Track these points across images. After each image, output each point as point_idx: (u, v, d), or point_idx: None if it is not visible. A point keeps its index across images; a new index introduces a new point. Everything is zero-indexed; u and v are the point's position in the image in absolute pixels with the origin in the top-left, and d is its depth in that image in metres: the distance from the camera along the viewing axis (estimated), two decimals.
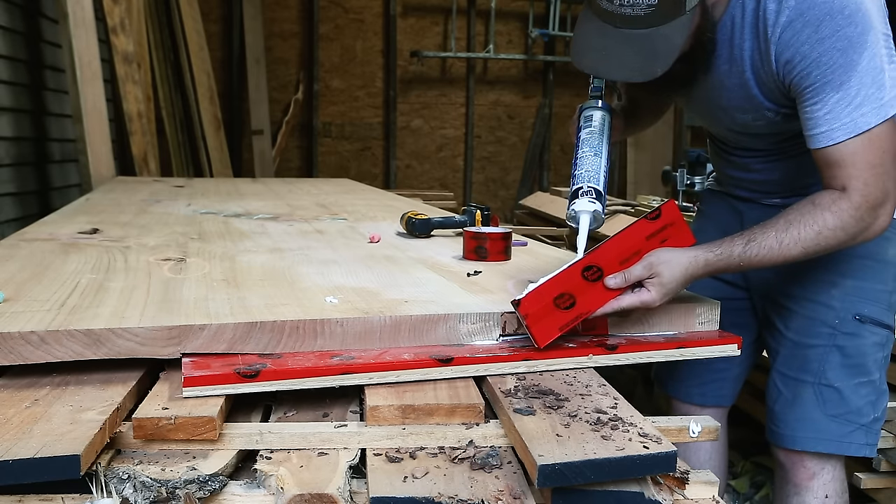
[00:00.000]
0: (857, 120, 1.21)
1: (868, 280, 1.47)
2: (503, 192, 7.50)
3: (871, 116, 1.21)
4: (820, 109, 1.23)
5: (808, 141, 1.27)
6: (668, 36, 1.19)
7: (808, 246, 1.24)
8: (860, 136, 1.22)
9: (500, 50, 7.23)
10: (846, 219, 1.23)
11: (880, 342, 1.49)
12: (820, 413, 1.48)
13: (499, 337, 1.20)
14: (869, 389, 1.48)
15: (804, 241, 1.24)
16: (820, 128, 1.24)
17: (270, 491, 0.88)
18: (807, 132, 1.27)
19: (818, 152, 1.26)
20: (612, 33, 1.20)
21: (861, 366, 1.48)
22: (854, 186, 1.23)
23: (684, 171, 3.25)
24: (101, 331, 1.05)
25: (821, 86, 1.22)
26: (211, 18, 6.60)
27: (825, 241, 1.24)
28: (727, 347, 1.28)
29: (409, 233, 2.02)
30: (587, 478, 0.86)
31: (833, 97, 1.22)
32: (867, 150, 1.22)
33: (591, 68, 1.27)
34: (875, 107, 1.21)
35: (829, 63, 1.20)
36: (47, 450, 0.83)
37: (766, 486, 2.42)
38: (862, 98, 1.21)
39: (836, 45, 1.20)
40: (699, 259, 1.23)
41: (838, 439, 1.48)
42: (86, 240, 1.83)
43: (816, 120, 1.24)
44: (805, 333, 1.51)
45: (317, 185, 3.97)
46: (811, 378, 1.49)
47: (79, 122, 3.86)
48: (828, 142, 1.24)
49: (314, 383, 1.04)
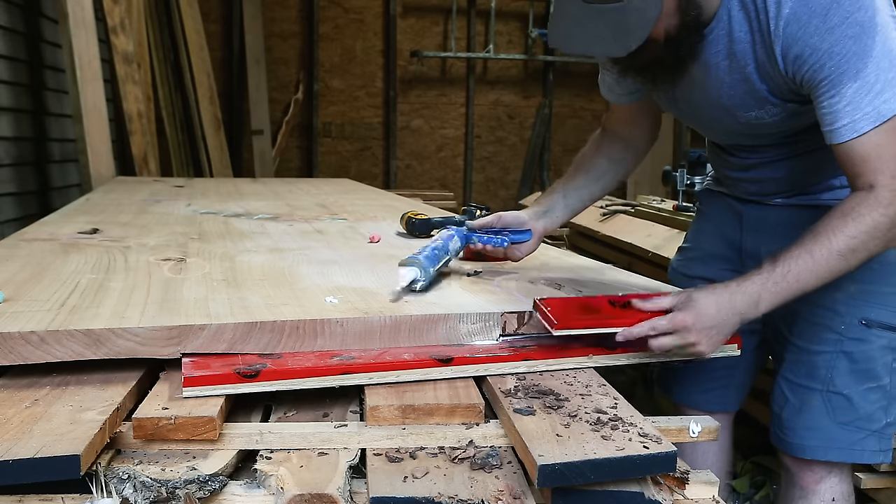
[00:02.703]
0: (879, 107, 1.15)
1: (873, 283, 1.42)
2: (503, 192, 7.51)
3: (894, 102, 1.15)
4: (839, 102, 1.17)
5: (829, 136, 1.20)
6: (641, 9, 1.15)
7: (844, 251, 1.17)
8: (885, 124, 1.15)
9: (500, 50, 7.23)
10: (877, 218, 1.17)
11: (889, 346, 1.44)
12: (829, 421, 1.45)
13: (499, 337, 1.20)
14: (879, 395, 1.44)
15: (838, 247, 1.17)
16: (841, 121, 1.17)
17: (270, 491, 0.88)
18: (827, 127, 1.20)
19: (841, 148, 1.19)
20: (586, 10, 1.17)
21: (870, 371, 1.44)
22: (882, 182, 1.17)
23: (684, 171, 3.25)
24: (101, 331, 1.05)
25: (836, 77, 1.16)
26: (211, 18, 6.60)
27: (861, 245, 1.17)
28: (727, 348, 1.28)
29: (409, 233, 2.02)
30: (587, 478, 0.86)
31: (851, 87, 1.15)
32: (893, 140, 1.16)
33: (567, 46, 1.24)
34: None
35: (843, 52, 1.15)
36: (47, 450, 0.83)
37: (766, 486, 2.42)
38: (882, 84, 1.15)
39: (848, 33, 1.14)
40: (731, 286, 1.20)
41: (849, 447, 1.44)
42: (86, 240, 1.83)
43: (836, 113, 1.18)
44: (811, 339, 1.47)
45: (317, 185, 3.97)
46: (819, 385, 1.45)
47: (79, 122, 3.86)
48: (852, 134, 1.17)
49: (314, 383, 1.04)
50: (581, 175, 1.61)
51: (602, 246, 3.61)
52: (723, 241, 1.65)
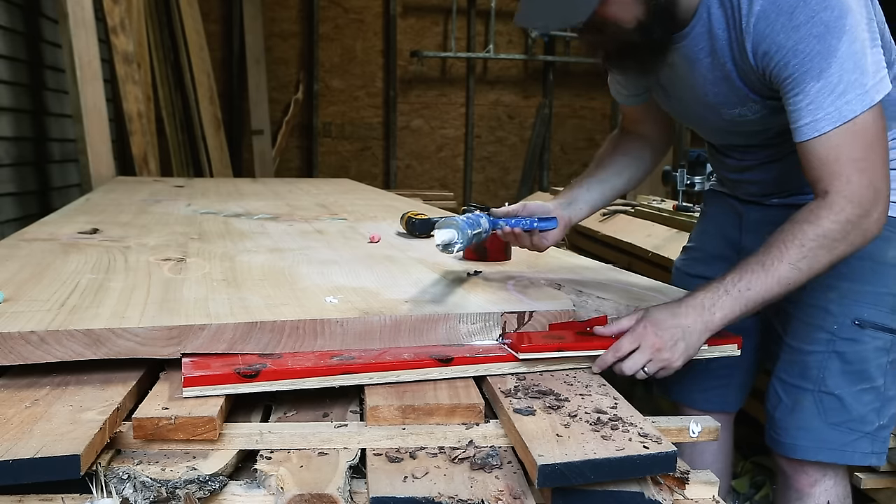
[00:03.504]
0: (841, 108, 1.16)
1: (867, 283, 1.42)
2: (503, 192, 7.51)
3: (856, 104, 1.16)
4: (802, 100, 1.18)
5: (794, 135, 1.22)
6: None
7: (796, 262, 1.19)
8: (845, 126, 1.17)
9: (500, 50, 7.23)
10: (828, 225, 1.18)
11: (884, 347, 1.42)
12: (820, 421, 1.44)
13: (499, 337, 1.20)
14: (872, 396, 1.43)
15: (790, 257, 1.19)
16: (803, 119, 1.19)
17: (270, 491, 0.88)
18: (791, 125, 1.22)
19: (803, 147, 1.21)
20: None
21: (863, 372, 1.43)
22: (836, 188, 1.18)
23: (684, 171, 3.25)
24: (101, 331, 1.05)
25: (800, 75, 1.18)
26: (211, 18, 6.60)
27: (812, 253, 1.19)
28: (727, 347, 1.27)
29: (409, 233, 2.02)
30: (587, 478, 0.86)
31: (814, 86, 1.17)
32: (851, 144, 1.18)
33: (523, 21, 1.28)
34: (859, 93, 1.16)
35: (807, 51, 1.16)
36: (47, 450, 0.83)
37: (766, 486, 2.42)
38: (845, 85, 1.16)
39: (813, 32, 1.15)
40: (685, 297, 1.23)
41: (840, 448, 1.44)
42: (86, 240, 1.83)
43: (799, 112, 1.19)
44: (803, 339, 1.47)
45: (317, 185, 3.97)
46: (811, 385, 1.45)
47: (79, 122, 3.86)
48: (813, 133, 1.18)
49: (314, 383, 1.04)
50: (601, 170, 1.62)
51: (602, 246, 3.61)
52: (724, 242, 1.66)
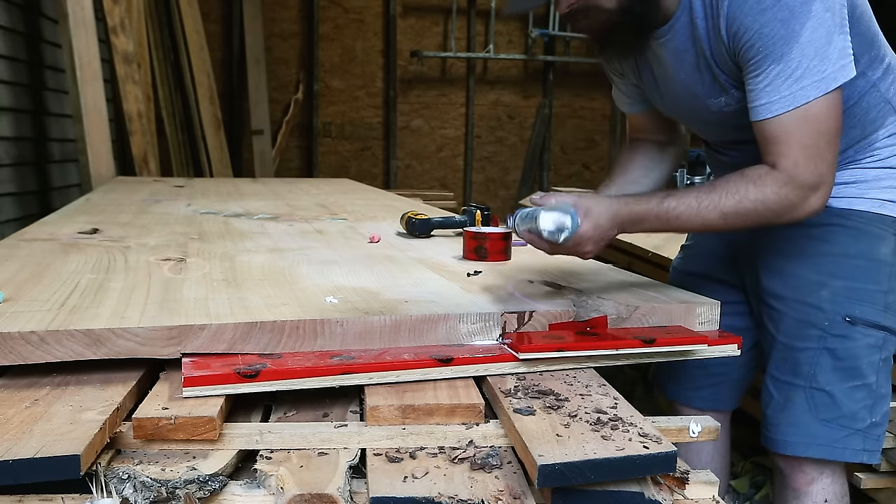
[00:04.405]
0: (796, 93, 1.20)
1: (859, 280, 1.42)
2: (503, 192, 7.51)
3: (812, 90, 1.19)
4: (761, 82, 1.22)
5: (750, 114, 1.26)
6: None
7: (727, 213, 1.25)
8: (798, 110, 1.20)
9: (500, 50, 7.23)
10: (769, 194, 1.23)
11: (875, 344, 1.43)
12: (811, 417, 1.45)
13: (499, 337, 1.20)
14: (864, 393, 1.43)
15: (723, 206, 1.24)
16: (760, 100, 1.23)
17: (270, 491, 0.88)
18: (748, 104, 1.26)
19: (757, 125, 1.25)
20: None
21: (854, 369, 1.43)
22: (783, 165, 1.23)
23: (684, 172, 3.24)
24: (101, 331, 1.05)
25: (763, 58, 1.21)
26: (211, 18, 6.60)
27: (745, 211, 1.25)
28: (727, 347, 1.27)
29: (409, 233, 2.02)
30: (587, 478, 0.86)
31: (774, 69, 1.20)
32: (802, 129, 1.21)
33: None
34: (816, 80, 1.19)
35: (771, 34, 1.19)
36: (47, 450, 0.83)
37: (766, 486, 2.42)
38: (803, 71, 1.19)
39: (778, 16, 1.18)
40: (625, 200, 1.28)
41: (831, 444, 1.44)
42: (86, 240, 1.83)
43: (758, 92, 1.23)
44: (794, 336, 1.47)
45: (317, 185, 3.97)
46: (802, 382, 1.46)
47: (79, 122, 3.86)
48: (766, 114, 1.23)
49: (314, 383, 1.04)
50: (623, 175, 1.63)
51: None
52: (720, 239, 1.67)
